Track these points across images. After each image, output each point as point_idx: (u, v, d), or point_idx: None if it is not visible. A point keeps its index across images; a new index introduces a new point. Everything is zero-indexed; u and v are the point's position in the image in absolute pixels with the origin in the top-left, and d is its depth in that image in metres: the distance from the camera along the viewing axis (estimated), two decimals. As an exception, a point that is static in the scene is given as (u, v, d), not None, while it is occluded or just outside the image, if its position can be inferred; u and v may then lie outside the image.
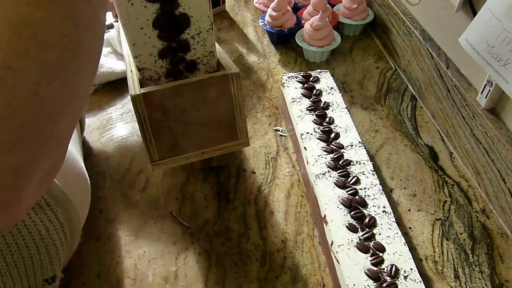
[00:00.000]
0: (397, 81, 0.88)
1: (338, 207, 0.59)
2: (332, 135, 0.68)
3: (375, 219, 0.57)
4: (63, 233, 0.49)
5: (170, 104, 0.53)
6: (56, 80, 0.26)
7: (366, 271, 0.53)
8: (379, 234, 0.56)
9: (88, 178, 0.60)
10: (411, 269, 0.53)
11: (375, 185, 0.61)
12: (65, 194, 0.49)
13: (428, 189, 0.69)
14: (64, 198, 0.49)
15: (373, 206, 0.59)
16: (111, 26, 0.90)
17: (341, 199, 0.60)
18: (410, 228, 0.64)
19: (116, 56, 0.90)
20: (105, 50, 0.92)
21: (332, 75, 0.78)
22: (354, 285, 0.52)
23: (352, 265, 0.53)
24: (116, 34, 0.90)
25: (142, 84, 0.54)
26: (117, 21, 0.92)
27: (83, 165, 0.60)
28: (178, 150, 0.58)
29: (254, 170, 0.72)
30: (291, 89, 0.76)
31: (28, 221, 0.43)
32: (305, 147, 0.67)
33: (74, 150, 0.60)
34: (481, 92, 0.65)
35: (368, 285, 0.51)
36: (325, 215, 0.58)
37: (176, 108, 0.54)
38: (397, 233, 0.56)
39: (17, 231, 0.43)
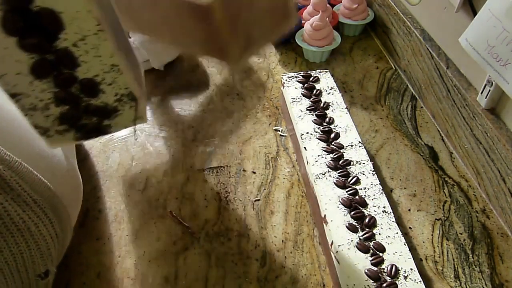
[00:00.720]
0: (397, 81, 0.88)
1: (338, 207, 0.59)
2: (332, 135, 0.68)
3: (375, 219, 0.57)
4: (53, 228, 0.49)
5: None
6: None
7: (366, 271, 0.53)
8: (379, 234, 0.56)
9: (79, 174, 0.60)
10: (411, 269, 0.53)
11: (375, 185, 0.61)
12: (52, 190, 0.49)
13: (428, 189, 0.69)
14: (51, 194, 0.49)
15: (373, 206, 0.59)
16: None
17: (341, 199, 0.60)
18: (410, 228, 0.64)
19: None
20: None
21: (332, 75, 0.78)
22: (354, 285, 0.52)
23: (352, 265, 0.53)
24: None
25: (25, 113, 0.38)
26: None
27: (74, 161, 0.60)
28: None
29: (254, 170, 0.72)
30: (291, 89, 0.76)
31: (16, 218, 0.44)
32: (305, 147, 0.67)
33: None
34: (481, 92, 0.65)
35: (368, 285, 0.51)
36: (325, 215, 0.58)
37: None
38: (397, 233, 0.56)
39: (5, 229, 0.43)
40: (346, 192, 0.61)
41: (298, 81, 0.77)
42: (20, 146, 0.49)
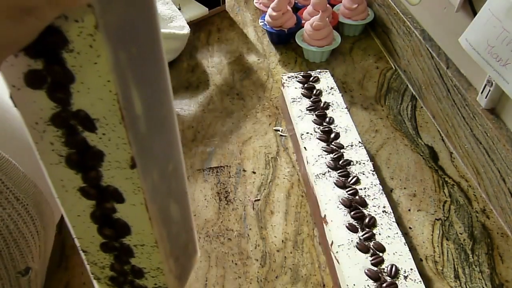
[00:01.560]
0: (397, 81, 0.88)
1: (338, 207, 0.59)
2: (332, 135, 0.68)
3: (375, 219, 0.57)
4: (34, 226, 0.49)
5: None
6: None
7: (366, 271, 0.53)
8: (379, 234, 0.56)
9: None
10: (411, 269, 0.53)
11: (375, 185, 0.61)
12: (37, 187, 0.49)
13: (428, 189, 0.69)
14: (36, 191, 0.49)
15: (373, 206, 0.59)
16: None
17: (341, 199, 0.60)
18: (410, 228, 0.64)
19: None
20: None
21: (332, 75, 0.78)
22: (354, 285, 0.52)
23: (352, 265, 0.53)
24: None
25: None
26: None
27: None
28: None
29: (254, 170, 0.72)
30: (291, 89, 0.76)
31: None
32: (305, 147, 0.67)
33: None
34: (481, 92, 0.65)
35: (368, 285, 0.51)
36: (325, 215, 0.58)
37: None
38: (397, 233, 0.56)
39: None
40: (346, 192, 0.61)
41: (298, 81, 0.77)
42: (9, 139, 0.49)
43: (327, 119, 0.70)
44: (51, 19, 0.27)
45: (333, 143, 0.67)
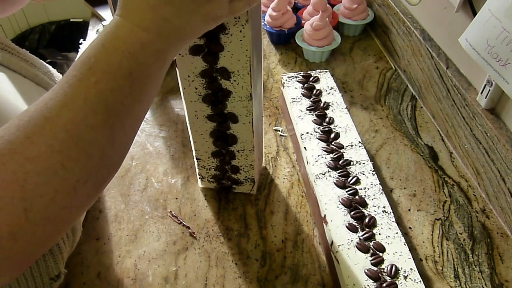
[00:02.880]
0: (397, 81, 0.88)
1: (338, 207, 0.59)
2: (332, 135, 0.68)
3: (375, 219, 0.58)
4: (65, 233, 0.49)
5: None
6: (90, 181, 0.35)
7: (366, 271, 0.53)
8: (379, 234, 0.56)
9: None
10: (411, 269, 0.53)
11: (375, 185, 0.61)
12: None
13: (428, 189, 0.69)
14: None
15: (373, 206, 0.59)
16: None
17: (341, 199, 0.60)
18: (410, 228, 0.64)
19: None
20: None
21: (332, 75, 0.78)
22: (354, 285, 0.52)
23: (352, 265, 0.53)
24: None
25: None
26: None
27: None
28: None
29: (254, 170, 0.72)
30: (291, 89, 0.76)
31: None
32: (305, 147, 0.67)
33: None
34: (481, 92, 0.65)
35: (368, 285, 0.51)
36: (325, 215, 0.58)
37: None
38: (397, 233, 0.56)
39: None
40: (346, 192, 0.61)
41: (298, 81, 0.77)
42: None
43: (327, 119, 0.70)
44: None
45: (333, 143, 0.67)
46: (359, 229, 0.57)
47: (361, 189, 0.61)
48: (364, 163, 0.64)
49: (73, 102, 0.34)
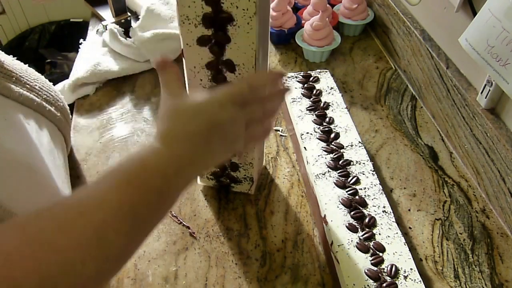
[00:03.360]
0: (397, 81, 0.88)
1: (338, 207, 0.59)
2: (332, 135, 0.68)
3: (375, 219, 0.58)
4: None
5: None
6: (99, 279, 0.36)
7: (366, 271, 0.53)
8: (379, 234, 0.56)
9: None
10: (411, 269, 0.53)
11: (375, 185, 0.61)
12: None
13: (428, 189, 0.69)
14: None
15: (373, 206, 0.59)
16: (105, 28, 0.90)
17: (341, 199, 0.60)
18: (410, 228, 0.64)
19: (113, 55, 0.91)
20: (102, 50, 0.92)
21: (332, 75, 0.78)
22: (354, 285, 0.52)
23: (352, 265, 0.53)
24: (108, 36, 0.90)
25: None
26: (113, 23, 0.92)
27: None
28: None
29: (254, 170, 0.72)
30: (291, 89, 0.76)
31: None
32: (305, 147, 0.67)
33: (62, 179, 0.58)
34: (481, 92, 0.65)
35: (368, 285, 0.51)
36: (325, 215, 0.58)
37: None
38: (397, 233, 0.56)
39: None
40: (346, 192, 0.61)
41: (298, 81, 0.77)
42: (18, 192, 0.48)
43: (327, 119, 0.70)
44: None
45: (333, 143, 0.67)
46: (359, 229, 0.57)
47: (361, 189, 0.61)
48: (364, 163, 0.64)
49: (108, 206, 0.37)
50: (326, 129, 0.69)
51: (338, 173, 0.63)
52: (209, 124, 0.44)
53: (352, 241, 0.55)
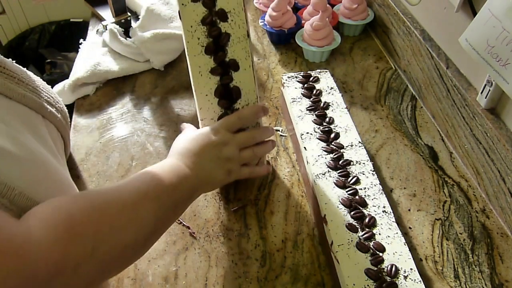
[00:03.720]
0: (397, 81, 0.88)
1: (338, 207, 0.59)
2: (332, 135, 0.68)
3: (375, 219, 0.58)
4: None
5: None
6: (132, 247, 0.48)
7: (366, 271, 0.53)
8: (379, 234, 0.56)
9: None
10: (411, 269, 0.53)
11: (375, 185, 0.61)
12: None
13: (428, 189, 0.69)
14: None
15: (373, 206, 0.59)
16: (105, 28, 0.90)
17: (341, 199, 0.60)
18: (410, 228, 0.64)
19: (113, 55, 0.91)
20: (102, 50, 0.92)
21: (332, 75, 0.78)
22: (354, 285, 0.52)
23: (352, 265, 0.53)
24: (108, 36, 0.90)
25: None
26: (113, 23, 0.92)
27: (77, 189, 0.60)
28: None
29: (254, 170, 0.72)
30: (291, 89, 0.76)
31: None
32: (305, 147, 0.67)
33: (68, 175, 0.59)
34: (481, 92, 0.65)
35: (368, 285, 0.51)
36: (325, 215, 0.58)
37: None
38: (397, 233, 0.56)
39: None
40: (346, 192, 0.61)
41: (298, 81, 0.77)
42: (40, 183, 0.49)
43: (327, 119, 0.70)
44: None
45: (333, 143, 0.67)
46: (359, 229, 0.57)
47: (361, 189, 0.61)
48: (364, 163, 0.64)
49: (144, 198, 0.50)
50: (326, 129, 0.69)
51: (338, 173, 0.63)
52: (204, 143, 0.59)
53: (352, 241, 0.55)
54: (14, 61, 0.60)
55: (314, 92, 0.75)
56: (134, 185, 0.50)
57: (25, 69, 0.61)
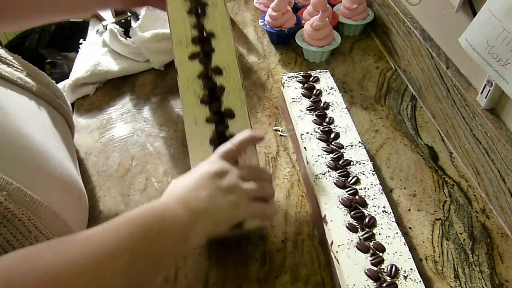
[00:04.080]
0: (397, 81, 0.88)
1: (338, 207, 0.59)
2: (332, 135, 0.68)
3: (375, 219, 0.58)
4: None
5: None
6: None
7: (366, 271, 0.53)
8: (379, 234, 0.56)
9: (86, 196, 0.61)
10: (411, 269, 0.53)
11: (375, 185, 0.61)
12: (68, 225, 0.50)
13: (428, 189, 0.69)
14: (67, 230, 0.50)
15: (373, 206, 0.59)
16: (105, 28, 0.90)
17: (341, 199, 0.60)
18: (410, 228, 0.64)
19: (113, 55, 0.91)
20: (102, 50, 0.92)
21: (332, 75, 0.78)
22: (354, 285, 0.52)
23: (352, 265, 0.53)
24: (108, 36, 0.90)
25: None
26: (113, 23, 0.92)
27: (81, 184, 0.60)
28: None
29: (254, 170, 0.72)
30: (291, 89, 0.76)
31: None
32: (305, 147, 0.67)
33: (74, 168, 0.59)
34: (481, 92, 0.65)
35: (368, 285, 0.51)
36: (325, 215, 0.58)
37: None
38: (397, 233, 0.56)
39: None
40: (346, 192, 0.61)
41: (298, 81, 0.77)
42: (40, 177, 0.49)
43: (327, 119, 0.70)
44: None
45: (333, 143, 0.67)
46: (359, 229, 0.57)
47: (361, 189, 0.61)
48: (364, 163, 0.64)
49: (107, 245, 0.41)
50: (326, 129, 0.69)
51: (338, 173, 0.63)
52: (201, 175, 0.51)
53: (352, 241, 0.55)
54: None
55: (314, 92, 0.75)
56: (106, 235, 0.42)
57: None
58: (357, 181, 0.62)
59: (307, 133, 0.68)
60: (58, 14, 0.67)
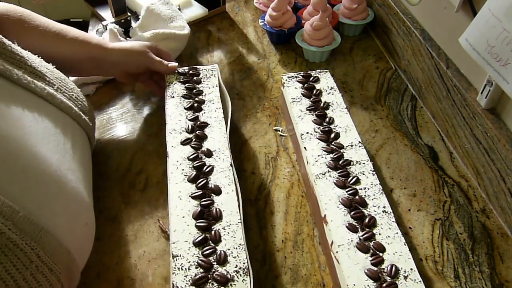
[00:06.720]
0: (397, 81, 0.88)
1: (338, 207, 0.59)
2: (332, 135, 0.68)
3: (375, 219, 0.57)
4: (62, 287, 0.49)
5: None
6: None
7: (366, 271, 0.53)
8: (379, 234, 0.56)
9: (94, 223, 0.58)
10: (411, 269, 0.53)
11: (375, 185, 0.61)
12: (70, 254, 0.49)
13: (428, 189, 0.69)
14: (69, 259, 0.49)
15: (373, 206, 0.59)
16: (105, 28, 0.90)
17: (341, 199, 0.59)
18: (410, 228, 0.64)
19: None
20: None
21: (332, 75, 0.78)
22: (354, 285, 0.52)
23: (352, 265, 0.53)
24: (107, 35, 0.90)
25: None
26: (113, 23, 0.92)
27: (92, 209, 0.58)
28: None
29: (254, 170, 0.72)
30: (291, 89, 0.76)
31: (24, 286, 0.43)
32: (305, 147, 0.67)
33: (86, 193, 0.56)
34: (481, 92, 0.65)
35: (368, 285, 0.51)
36: (325, 215, 0.58)
37: None
38: (397, 233, 0.56)
39: None
40: (346, 192, 0.61)
41: (298, 81, 0.77)
42: (51, 203, 0.48)
43: (327, 119, 0.70)
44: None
45: (333, 143, 0.67)
46: (359, 229, 0.57)
47: (361, 189, 0.61)
48: (364, 163, 0.64)
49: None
50: (326, 129, 0.69)
51: (338, 173, 0.63)
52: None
53: (352, 241, 0.55)
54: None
55: (314, 92, 0.75)
56: None
57: (50, 64, 0.62)
58: (357, 181, 0.62)
59: (307, 133, 0.68)
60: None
